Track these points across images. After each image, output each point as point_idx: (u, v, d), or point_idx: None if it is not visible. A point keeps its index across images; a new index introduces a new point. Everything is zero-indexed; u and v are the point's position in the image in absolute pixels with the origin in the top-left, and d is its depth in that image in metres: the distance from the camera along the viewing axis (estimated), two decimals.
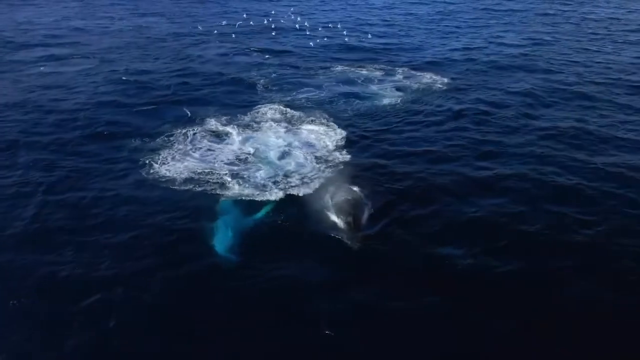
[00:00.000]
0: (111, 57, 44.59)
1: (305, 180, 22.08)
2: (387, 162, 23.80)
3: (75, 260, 17.16)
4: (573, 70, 39.32)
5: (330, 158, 24.31)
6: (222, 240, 17.86)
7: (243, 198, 20.72)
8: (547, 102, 32.12)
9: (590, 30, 54.61)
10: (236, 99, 34.43)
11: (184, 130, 28.10)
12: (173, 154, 25.19)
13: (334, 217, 18.75)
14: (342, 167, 23.34)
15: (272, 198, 20.53)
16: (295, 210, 19.73)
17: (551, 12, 66.27)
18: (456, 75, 37.96)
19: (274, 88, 36.42)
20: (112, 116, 31.15)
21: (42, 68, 40.39)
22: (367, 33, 54.98)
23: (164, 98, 34.81)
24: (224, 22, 59.04)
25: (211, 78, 39.79)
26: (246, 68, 41.73)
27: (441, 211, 19.75)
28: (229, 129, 28.48)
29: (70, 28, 56.80)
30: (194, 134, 27.76)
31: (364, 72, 39.82)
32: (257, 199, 20.52)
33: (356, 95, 34.39)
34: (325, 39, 52.14)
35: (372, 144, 26.11)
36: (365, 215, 18.73)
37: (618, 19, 61.16)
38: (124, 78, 38.22)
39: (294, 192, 20.97)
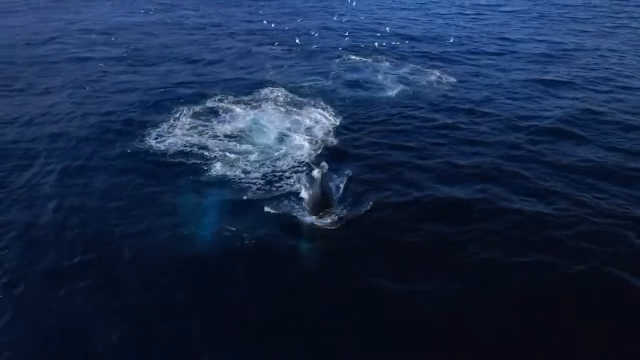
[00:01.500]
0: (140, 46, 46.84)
1: (291, 162, 22.92)
2: (372, 151, 24.42)
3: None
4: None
5: (320, 142, 25.12)
6: (199, 218, 18.71)
7: (227, 175, 21.67)
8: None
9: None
10: (242, 81, 35.53)
11: (184, 108, 29.46)
12: (169, 129, 26.53)
13: (307, 196, 19.57)
14: (330, 152, 24.06)
15: (256, 178, 21.41)
16: (275, 190, 20.53)
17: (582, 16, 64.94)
18: (464, 75, 37.80)
19: (281, 74, 37.35)
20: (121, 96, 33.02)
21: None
22: (385, 26, 55.25)
23: (173, 78, 36.41)
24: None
25: (223, 62, 41.05)
26: (258, 56, 42.81)
27: (412, 200, 20.19)
28: (229, 106, 29.66)
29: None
30: (194, 111, 29.03)
31: (374, 63, 40.34)
32: (241, 178, 21.41)
33: (360, 85, 34.98)
34: (343, 31, 52.79)
35: (364, 133, 26.71)
36: (333, 197, 19.52)
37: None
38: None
39: (278, 173, 21.86)
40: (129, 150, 24.17)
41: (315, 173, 20.93)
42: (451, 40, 49.01)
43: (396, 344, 13.50)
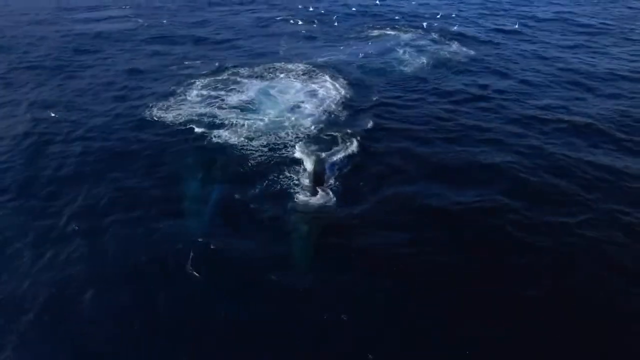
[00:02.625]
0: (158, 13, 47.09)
1: (297, 132, 22.63)
2: (378, 129, 23.32)
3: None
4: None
5: (330, 115, 24.70)
6: (199, 185, 18.71)
7: (232, 143, 21.60)
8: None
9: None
10: (257, 55, 35.30)
11: (197, 78, 29.57)
12: (179, 98, 26.67)
13: (305, 172, 19.21)
14: (338, 125, 23.56)
15: (260, 146, 21.26)
16: (277, 160, 20.27)
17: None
18: (485, 53, 36.05)
19: (298, 47, 36.92)
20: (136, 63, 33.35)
21: None
22: (410, 0, 53.77)
23: (187, 51, 36.54)
24: None
25: (240, 34, 40.85)
26: (276, 29, 42.38)
27: (406, 187, 18.94)
28: (241, 79, 29.52)
29: None
30: (206, 81, 29.06)
31: (394, 38, 39.36)
32: (245, 146, 21.30)
33: (378, 60, 34.21)
34: (366, 6, 51.63)
35: (372, 109, 25.79)
36: (328, 176, 18.80)
37: None
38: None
39: (282, 143, 21.58)
40: (136, 120, 24.36)
41: (315, 153, 20.39)
42: (472, 17, 47.21)
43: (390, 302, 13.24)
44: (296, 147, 21.12)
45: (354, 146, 21.21)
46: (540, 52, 35.68)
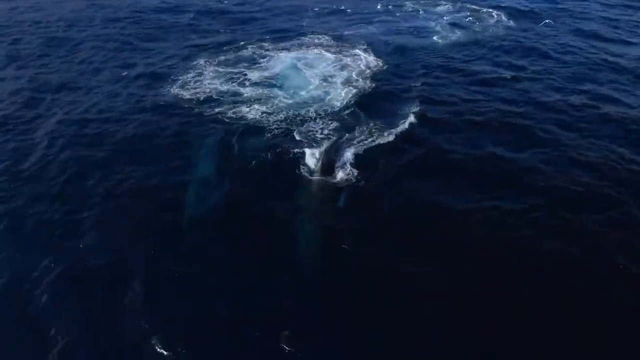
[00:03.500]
0: None
1: (320, 109, 22.34)
2: (406, 112, 22.17)
3: None
4: None
5: (357, 90, 24.10)
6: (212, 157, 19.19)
7: (251, 117, 21.62)
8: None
9: None
10: (282, 28, 34.31)
11: (219, 53, 29.03)
12: (199, 73, 26.35)
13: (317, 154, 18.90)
14: (364, 102, 23.02)
15: (279, 121, 21.26)
16: (295, 137, 20.18)
17: None
18: (524, 27, 33.68)
19: (326, 20, 35.80)
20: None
21: None
22: None
23: (209, 25, 35.72)
24: None
25: (265, 6, 39.80)
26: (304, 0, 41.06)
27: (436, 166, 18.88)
28: (266, 52, 28.99)
29: None
30: (229, 56, 28.56)
31: (428, 10, 37.60)
32: (263, 122, 21.28)
33: (410, 33, 32.96)
34: None
35: (403, 87, 24.87)
36: (341, 160, 18.44)
37: None
38: None
39: (302, 120, 21.42)
40: (156, 97, 24.36)
41: (331, 136, 20.13)
42: None
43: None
44: (316, 127, 20.87)
45: (375, 129, 20.64)
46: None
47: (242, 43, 30.64)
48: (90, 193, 17.58)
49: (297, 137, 20.13)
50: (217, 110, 22.49)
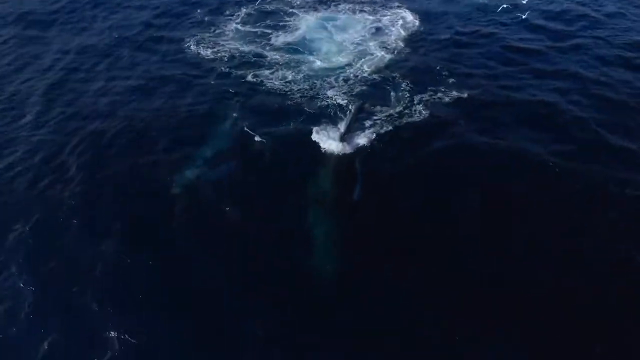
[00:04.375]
0: None
1: (345, 76, 21.27)
2: (442, 82, 20.59)
3: None
4: None
5: (388, 56, 22.70)
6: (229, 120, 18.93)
7: (270, 84, 20.85)
8: None
9: None
10: None
11: (243, 9, 27.53)
12: (219, 31, 25.28)
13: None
14: (393, 70, 21.61)
15: (301, 89, 20.38)
16: (314, 106, 19.43)
17: None
18: None
19: None
20: None
21: None
22: None
23: None
24: None
25: None
26: None
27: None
28: (292, 9, 27.45)
29: None
30: (251, 13, 27.12)
31: None
32: (284, 88, 20.46)
33: None
34: None
35: (441, 52, 23.06)
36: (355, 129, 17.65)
37: None
38: None
39: (326, 86, 20.50)
40: (173, 53, 23.85)
41: (352, 104, 19.17)
42: None
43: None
44: (340, 93, 19.96)
45: (405, 105, 19.20)
46: None
47: None
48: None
49: (317, 108, 19.21)
50: (238, 72, 21.72)
